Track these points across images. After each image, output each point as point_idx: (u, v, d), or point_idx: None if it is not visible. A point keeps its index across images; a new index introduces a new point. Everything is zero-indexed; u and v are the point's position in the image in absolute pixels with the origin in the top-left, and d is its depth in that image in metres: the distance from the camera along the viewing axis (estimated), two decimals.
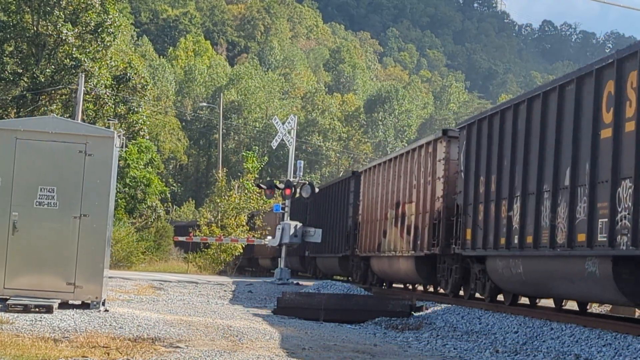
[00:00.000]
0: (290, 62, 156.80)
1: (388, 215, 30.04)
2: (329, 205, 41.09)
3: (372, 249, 31.77)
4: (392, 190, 29.85)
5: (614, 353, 14.10)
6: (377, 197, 31.87)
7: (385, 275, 31.58)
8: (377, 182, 31.95)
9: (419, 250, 26.39)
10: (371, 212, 32.53)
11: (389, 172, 30.58)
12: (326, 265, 42.28)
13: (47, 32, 52.40)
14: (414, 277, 28.02)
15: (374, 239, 31.54)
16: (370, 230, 32.34)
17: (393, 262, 29.31)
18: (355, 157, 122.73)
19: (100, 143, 17.92)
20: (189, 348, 13.31)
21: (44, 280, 17.49)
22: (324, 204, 42.27)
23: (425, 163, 26.59)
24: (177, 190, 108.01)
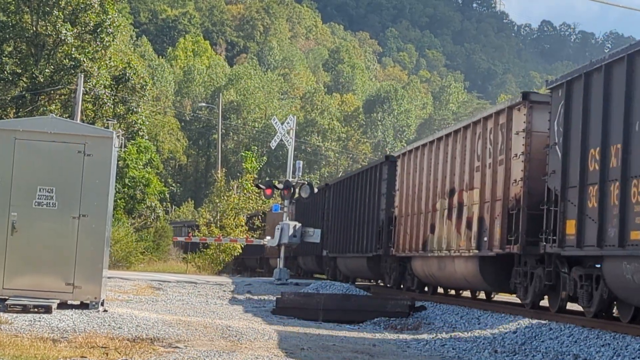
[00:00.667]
0: (289, 62, 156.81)
1: (437, 206, 24.94)
2: (355, 197, 35.38)
3: (414, 248, 26.69)
4: (442, 175, 24.69)
5: (612, 353, 14.11)
6: (420, 185, 26.77)
7: (433, 280, 26.14)
8: (421, 167, 26.86)
9: (485, 248, 21.00)
10: (412, 203, 27.42)
11: (437, 153, 25.42)
12: (350, 266, 36.61)
13: (46, 32, 52.41)
14: (477, 282, 22.50)
15: (417, 236, 26.54)
16: (411, 226, 27.24)
17: (445, 264, 24.15)
18: (354, 157, 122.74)
19: (99, 143, 17.91)
20: (187, 348, 13.31)
21: (42, 280, 17.48)
22: (348, 196, 36.83)
23: (494, 138, 21.10)
24: (176, 191, 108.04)
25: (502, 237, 20.02)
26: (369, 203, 32.82)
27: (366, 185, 33.64)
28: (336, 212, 38.60)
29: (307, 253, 43.53)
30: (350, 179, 37.18)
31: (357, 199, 34.86)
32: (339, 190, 38.53)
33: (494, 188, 20.76)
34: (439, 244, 24.31)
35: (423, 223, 26.05)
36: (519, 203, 19.36)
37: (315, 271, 45.50)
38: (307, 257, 44.23)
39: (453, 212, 23.55)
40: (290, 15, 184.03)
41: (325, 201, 41.01)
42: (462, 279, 23.46)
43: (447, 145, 24.69)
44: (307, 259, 44.32)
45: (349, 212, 35.93)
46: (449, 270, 23.99)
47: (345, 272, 37.78)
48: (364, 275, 35.80)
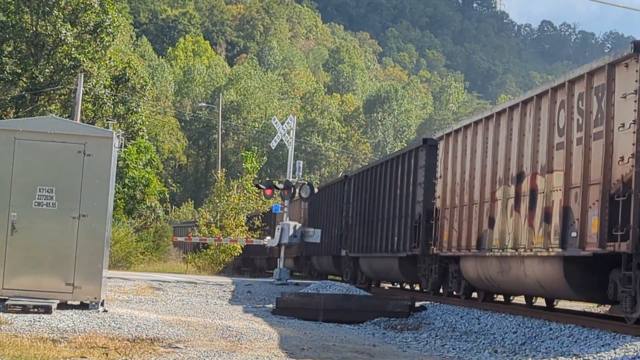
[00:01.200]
0: (289, 62, 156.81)
1: (498, 195, 20.69)
2: (383, 188, 31.29)
3: (464, 246, 22.57)
4: (505, 157, 20.40)
5: (613, 353, 14.09)
6: (472, 170, 22.59)
7: (490, 284, 21.72)
8: (473, 149, 22.66)
9: (573, 246, 16.85)
10: (461, 192, 23.30)
11: (496, 131, 21.11)
12: (377, 268, 32.34)
13: (46, 32, 52.38)
14: (558, 288, 18.21)
15: (468, 232, 22.39)
16: (459, 219, 23.17)
17: (509, 266, 19.86)
18: (354, 157, 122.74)
19: (99, 143, 17.91)
20: (187, 348, 13.31)
21: (42, 280, 17.48)
22: (373, 187, 32.71)
23: (586, 106, 16.76)
24: (176, 191, 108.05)
25: (600, 232, 15.73)
26: (402, 195, 28.74)
27: (397, 174, 29.59)
28: (359, 207, 34.73)
29: (322, 252, 40.72)
30: (376, 169, 32.86)
31: (385, 191, 30.86)
32: (362, 181, 34.53)
33: (586, 169, 16.57)
34: (502, 240, 20.08)
35: (477, 216, 21.88)
36: (628, 187, 14.96)
37: (331, 272, 42.05)
38: (322, 257, 41.19)
39: (522, 202, 19.21)
40: (290, 15, 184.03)
41: (345, 195, 37.35)
42: (534, 285, 19.00)
43: (511, 120, 20.30)
44: (323, 259, 41.18)
45: (375, 206, 32.04)
46: (515, 273, 19.59)
47: (369, 274, 33.88)
48: (393, 278, 32.16)
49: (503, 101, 21.92)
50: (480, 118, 22.20)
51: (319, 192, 42.31)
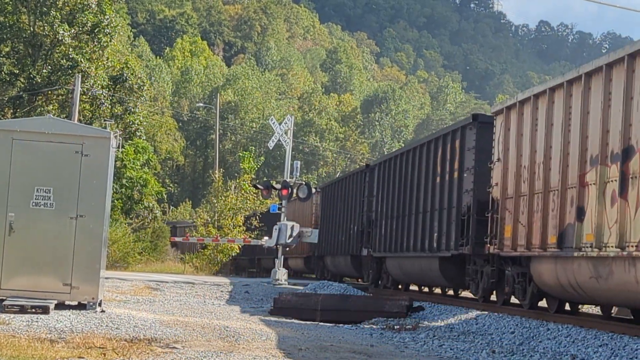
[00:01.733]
0: (287, 62, 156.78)
1: (590, 179, 16.38)
2: (416, 177, 27.07)
3: (538, 244, 18.25)
4: (602, 129, 15.96)
5: (610, 353, 14.11)
6: (546, 149, 18.23)
7: (576, 293, 17.35)
8: (548, 122, 18.26)
9: None
10: (530, 177, 18.85)
11: (585, 97, 16.71)
12: (409, 269, 27.58)
13: (43, 33, 52.36)
14: None
15: (543, 226, 18.02)
16: (528, 211, 18.74)
17: (610, 269, 15.58)
18: (352, 158, 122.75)
19: (97, 143, 17.91)
20: (185, 349, 13.30)
21: (40, 281, 17.47)
22: (403, 177, 28.40)
23: None
24: (173, 191, 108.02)
25: None
26: (443, 184, 24.49)
27: (436, 159, 25.40)
28: (384, 199, 30.37)
29: (337, 252, 37.14)
30: (406, 155, 28.25)
31: (419, 180, 26.73)
32: (388, 170, 30.05)
33: None
34: (598, 237, 15.68)
35: (557, 206, 17.52)
36: None
37: (348, 274, 37.92)
38: (337, 257, 37.43)
39: (632, 185, 14.81)
40: (287, 16, 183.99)
41: (367, 186, 33.28)
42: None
43: (609, 82, 15.93)
44: (339, 259, 37.30)
45: (406, 197, 27.63)
46: (620, 279, 15.28)
47: (398, 276, 29.33)
48: (431, 282, 27.23)
49: (592, 61, 16.81)
50: (560, 82, 17.78)
51: (333, 186, 40.84)
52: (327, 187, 42.43)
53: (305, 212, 44.34)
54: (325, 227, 40.31)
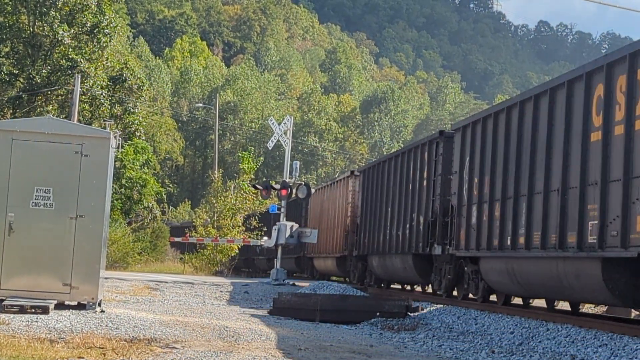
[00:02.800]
0: (286, 62, 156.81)
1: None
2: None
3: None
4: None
5: (610, 353, 14.11)
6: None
7: None
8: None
9: None
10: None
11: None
12: (531, 277, 18.56)
13: (43, 33, 52.38)
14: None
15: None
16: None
17: None
18: (351, 158, 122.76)
19: (97, 144, 17.91)
20: (185, 349, 13.31)
21: (40, 281, 17.48)
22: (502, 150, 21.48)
23: None
24: (173, 191, 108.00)
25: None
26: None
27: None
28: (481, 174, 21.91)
29: (388, 250, 29.78)
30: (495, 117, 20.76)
31: None
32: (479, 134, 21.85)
33: None
34: None
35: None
36: None
37: (408, 280, 30.12)
38: (389, 256, 29.71)
39: None
40: (287, 16, 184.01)
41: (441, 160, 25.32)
42: None
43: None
44: (392, 260, 29.33)
45: None
46: None
47: (507, 286, 20.13)
48: (561, 294, 18.23)
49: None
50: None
51: (381, 166, 32.41)
52: (373, 167, 33.53)
53: (337, 201, 38.39)
54: (369, 219, 33.09)
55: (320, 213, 42.01)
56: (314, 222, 42.27)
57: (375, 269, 31.93)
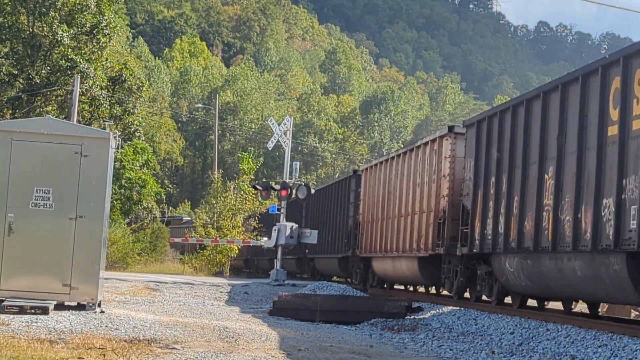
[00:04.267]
0: (286, 63, 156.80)
1: None
2: None
3: None
4: None
5: (609, 354, 14.11)
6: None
7: None
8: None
9: None
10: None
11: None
12: None
13: (42, 33, 52.35)
14: None
15: None
16: None
17: None
18: (351, 158, 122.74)
19: (96, 144, 17.91)
20: (185, 349, 13.30)
21: (39, 281, 17.47)
22: None
23: None
24: (172, 192, 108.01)
25: None
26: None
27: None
28: None
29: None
30: None
31: None
32: None
33: None
34: None
35: None
36: None
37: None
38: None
39: None
40: (286, 16, 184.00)
41: None
42: None
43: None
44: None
45: None
46: None
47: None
48: None
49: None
50: None
51: None
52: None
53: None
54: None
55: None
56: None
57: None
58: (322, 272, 41.59)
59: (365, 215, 32.88)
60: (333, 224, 38.46)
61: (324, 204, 41.00)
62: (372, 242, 31.30)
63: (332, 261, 38.36)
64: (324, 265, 40.74)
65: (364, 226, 32.96)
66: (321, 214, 41.26)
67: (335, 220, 38.14)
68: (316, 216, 42.20)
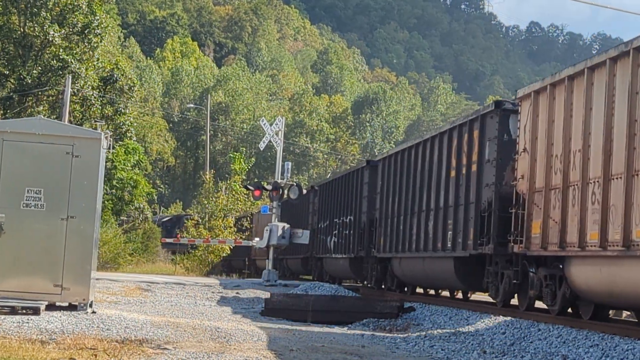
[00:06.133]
0: (277, 63, 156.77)
1: None
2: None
3: None
4: None
5: (601, 354, 14.13)
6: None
7: None
8: None
9: None
10: None
11: None
12: None
13: (34, 34, 52.25)
14: None
15: None
16: None
17: None
18: (343, 159, 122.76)
19: (88, 144, 17.88)
20: (176, 350, 13.29)
21: (31, 282, 17.43)
22: None
23: None
24: (164, 192, 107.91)
25: None
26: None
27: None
28: None
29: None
30: None
31: None
32: None
33: None
34: None
35: None
36: None
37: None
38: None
39: None
40: (278, 17, 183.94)
41: None
42: None
43: None
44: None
45: None
46: None
47: None
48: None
49: None
50: None
51: None
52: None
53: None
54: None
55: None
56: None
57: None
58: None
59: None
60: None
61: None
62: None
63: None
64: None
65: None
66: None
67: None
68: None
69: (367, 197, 32.03)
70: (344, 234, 34.86)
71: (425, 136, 26.01)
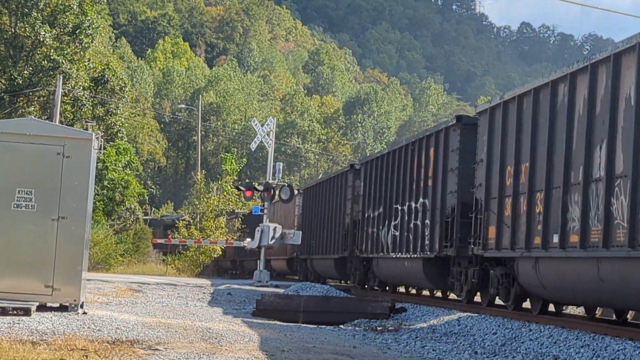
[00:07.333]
0: (269, 64, 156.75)
1: None
2: None
3: None
4: None
5: (592, 354, 14.15)
6: None
7: None
8: None
9: None
10: None
11: None
12: None
13: (24, 34, 52.15)
14: None
15: None
16: None
17: None
18: (334, 159, 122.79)
19: (79, 145, 17.85)
20: (167, 350, 13.28)
21: (21, 282, 17.40)
22: None
23: None
24: (155, 192, 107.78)
25: None
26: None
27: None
28: None
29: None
30: None
31: None
32: None
33: None
34: None
35: None
36: None
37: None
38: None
39: None
40: (269, 17, 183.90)
41: None
42: None
43: None
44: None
45: None
46: None
47: None
48: None
49: None
50: None
51: None
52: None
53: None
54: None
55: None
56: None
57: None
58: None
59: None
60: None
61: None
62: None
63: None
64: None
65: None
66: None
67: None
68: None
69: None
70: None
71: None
